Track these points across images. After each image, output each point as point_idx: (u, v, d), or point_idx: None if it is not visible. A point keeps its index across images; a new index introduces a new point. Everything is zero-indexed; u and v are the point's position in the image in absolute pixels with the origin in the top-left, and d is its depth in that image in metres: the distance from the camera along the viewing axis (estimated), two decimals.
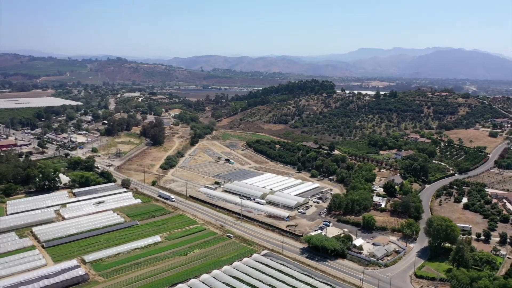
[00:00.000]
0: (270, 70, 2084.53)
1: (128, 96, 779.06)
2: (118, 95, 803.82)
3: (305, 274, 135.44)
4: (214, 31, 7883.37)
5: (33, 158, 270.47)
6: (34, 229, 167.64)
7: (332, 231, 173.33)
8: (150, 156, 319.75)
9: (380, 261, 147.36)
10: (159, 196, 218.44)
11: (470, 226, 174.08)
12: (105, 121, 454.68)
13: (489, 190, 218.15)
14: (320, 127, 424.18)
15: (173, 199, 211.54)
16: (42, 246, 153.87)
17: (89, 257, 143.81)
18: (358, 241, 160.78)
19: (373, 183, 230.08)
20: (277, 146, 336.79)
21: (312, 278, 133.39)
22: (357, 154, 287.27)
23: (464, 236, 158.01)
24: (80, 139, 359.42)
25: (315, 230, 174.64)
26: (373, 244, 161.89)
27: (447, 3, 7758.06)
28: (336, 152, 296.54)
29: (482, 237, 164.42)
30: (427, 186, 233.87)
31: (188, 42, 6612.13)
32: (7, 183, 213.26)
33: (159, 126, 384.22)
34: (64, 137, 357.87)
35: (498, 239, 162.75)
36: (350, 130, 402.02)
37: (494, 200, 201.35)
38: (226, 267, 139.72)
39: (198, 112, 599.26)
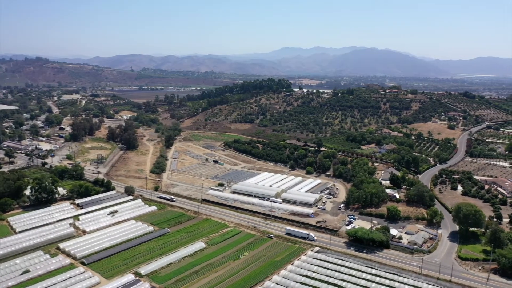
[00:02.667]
0: (199, 69, 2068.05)
1: (68, 99, 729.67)
2: (55, 98, 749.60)
3: (367, 266, 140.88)
4: (137, 30, 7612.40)
5: (4, 169, 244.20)
6: (61, 245, 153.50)
7: (361, 224, 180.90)
8: (132, 161, 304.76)
9: (422, 248, 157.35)
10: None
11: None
12: (62, 126, 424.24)
13: (476, 177, 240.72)
14: (289, 125, 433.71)
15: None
16: (82, 263, 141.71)
17: (143, 270, 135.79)
18: (393, 232, 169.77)
19: (374, 176, 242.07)
20: (259, 145, 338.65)
21: (375, 269, 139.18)
22: (344, 149, 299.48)
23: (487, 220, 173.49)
24: (45, 146, 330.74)
25: (346, 225, 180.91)
26: (405, 233, 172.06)
27: (359, 4, 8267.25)
28: (323, 148, 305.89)
29: (494, 220, 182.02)
30: (419, 176, 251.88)
31: (109, 41, 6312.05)
32: (2, 197, 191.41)
33: (131, 130, 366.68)
34: (27, 145, 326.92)
35: (508, 219, 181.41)
36: (320, 127, 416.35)
37: (486, 186, 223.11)
38: (291, 267, 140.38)
39: (152, 113, 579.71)
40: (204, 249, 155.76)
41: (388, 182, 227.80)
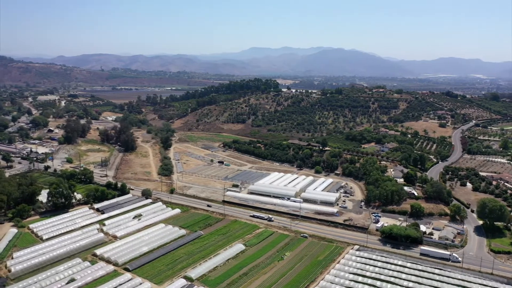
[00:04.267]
0: (169, 69, 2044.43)
1: (45, 100, 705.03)
2: (30, 99, 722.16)
3: (411, 263, 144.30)
4: (102, 28, 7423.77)
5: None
6: (97, 251, 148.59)
7: (387, 221, 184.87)
8: (134, 163, 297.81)
9: (454, 243, 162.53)
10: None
11: None
12: (51, 128, 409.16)
13: (481, 174, 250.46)
14: (283, 125, 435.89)
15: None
16: (126, 269, 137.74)
17: (193, 274, 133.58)
18: (422, 228, 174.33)
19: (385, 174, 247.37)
20: (261, 145, 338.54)
21: (420, 264, 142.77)
22: (349, 148, 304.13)
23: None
24: (39, 149, 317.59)
25: (374, 222, 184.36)
26: (433, 229, 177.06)
27: (325, 6, 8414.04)
28: (327, 148, 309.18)
29: None
30: (426, 174, 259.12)
31: (73, 40, 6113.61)
32: (16, 204, 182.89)
33: (128, 132, 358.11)
34: (21, 148, 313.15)
35: None
36: (315, 127, 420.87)
37: (494, 182, 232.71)
38: (339, 266, 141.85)
39: (137, 114, 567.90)
40: (244, 250, 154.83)
41: (401, 180, 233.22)
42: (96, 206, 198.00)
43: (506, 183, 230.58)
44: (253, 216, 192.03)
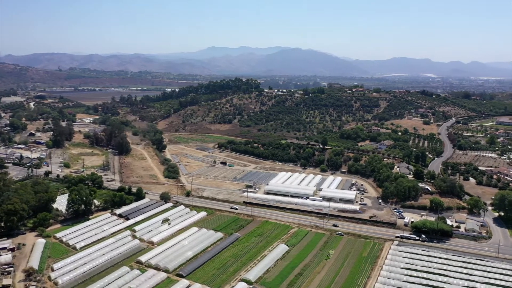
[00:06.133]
0: (127, 68, 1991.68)
1: (11, 101, 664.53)
2: None
3: (453, 255, 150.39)
4: (54, 26, 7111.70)
5: None
6: (142, 258, 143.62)
7: (410, 216, 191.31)
8: (134, 166, 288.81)
9: (482, 234, 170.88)
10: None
11: None
12: (32, 132, 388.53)
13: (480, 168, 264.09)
14: (273, 125, 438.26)
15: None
16: (179, 275, 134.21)
17: (250, 276, 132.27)
18: (448, 222, 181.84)
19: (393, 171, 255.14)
20: (259, 145, 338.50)
21: (463, 257, 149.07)
22: (349, 147, 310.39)
23: None
24: (28, 154, 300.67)
25: (399, 218, 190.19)
26: (455, 221, 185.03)
27: (281, 5, 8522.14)
28: (327, 147, 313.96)
29: None
30: (427, 169, 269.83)
31: (22, 38, 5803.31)
32: (35, 212, 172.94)
33: (122, 134, 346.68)
34: (11, 153, 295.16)
35: None
36: (304, 126, 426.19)
37: (495, 176, 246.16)
38: (389, 262, 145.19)
39: (113, 116, 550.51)
40: (288, 251, 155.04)
41: (411, 176, 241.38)
42: (117, 212, 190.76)
43: (506, 177, 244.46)
44: None
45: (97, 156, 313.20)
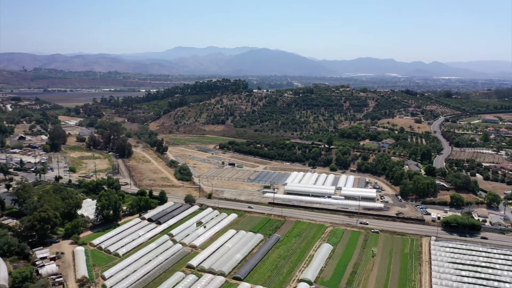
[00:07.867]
0: (93, 69, 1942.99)
1: None
2: None
3: (492, 248, 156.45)
4: (12, 25, 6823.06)
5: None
6: (192, 263, 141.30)
7: (433, 212, 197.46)
8: (142, 169, 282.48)
9: (509, 227, 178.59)
10: None
11: None
12: (22, 135, 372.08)
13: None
14: (268, 125, 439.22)
15: None
16: (237, 278, 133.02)
17: (309, 276, 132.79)
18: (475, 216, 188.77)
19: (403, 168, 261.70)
20: (263, 146, 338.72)
21: (499, 249, 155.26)
22: (354, 146, 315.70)
23: None
24: (28, 158, 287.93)
25: (424, 214, 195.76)
26: (478, 216, 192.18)
27: (247, 4, 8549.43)
28: (332, 146, 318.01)
29: None
30: (443, 166, 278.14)
31: None
32: (65, 219, 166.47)
33: (123, 137, 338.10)
34: (9, 158, 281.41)
35: None
36: (300, 126, 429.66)
37: (499, 172, 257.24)
38: (434, 257, 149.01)
39: (98, 117, 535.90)
40: (334, 250, 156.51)
41: (423, 173, 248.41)
42: (146, 216, 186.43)
43: (510, 172, 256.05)
44: None
45: (100, 159, 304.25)
